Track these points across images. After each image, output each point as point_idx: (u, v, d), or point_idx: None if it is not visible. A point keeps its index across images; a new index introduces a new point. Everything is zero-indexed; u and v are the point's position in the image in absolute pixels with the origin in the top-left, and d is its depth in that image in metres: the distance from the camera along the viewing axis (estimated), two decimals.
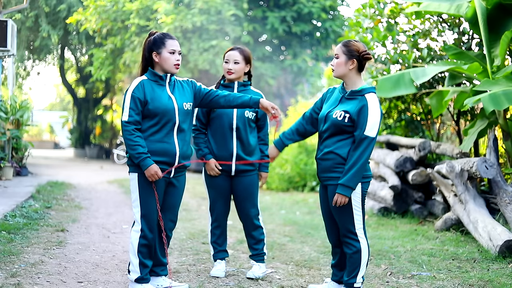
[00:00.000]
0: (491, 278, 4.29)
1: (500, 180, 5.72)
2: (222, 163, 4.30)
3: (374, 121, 3.52)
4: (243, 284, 4.16)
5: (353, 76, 3.65)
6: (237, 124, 4.28)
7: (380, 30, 7.58)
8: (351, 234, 3.65)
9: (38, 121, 30.37)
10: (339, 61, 3.64)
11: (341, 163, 3.59)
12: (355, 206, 3.62)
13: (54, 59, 22.19)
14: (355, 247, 3.64)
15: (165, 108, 3.75)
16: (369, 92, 3.62)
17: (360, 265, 3.64)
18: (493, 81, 5.57)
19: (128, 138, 3.66)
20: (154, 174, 3.66)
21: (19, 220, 5.96)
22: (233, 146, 4.28)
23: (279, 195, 10.42)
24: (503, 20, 5.98)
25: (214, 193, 4.39)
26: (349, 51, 3.61)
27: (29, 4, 15.40)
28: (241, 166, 4.30)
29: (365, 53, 3.61)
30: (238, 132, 4.29)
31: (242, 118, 4.29)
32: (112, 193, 9.83)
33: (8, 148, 10.04)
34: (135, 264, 3.75)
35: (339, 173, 3.59)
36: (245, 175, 4.35)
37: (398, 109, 8.35)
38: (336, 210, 3.65)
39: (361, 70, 3.67)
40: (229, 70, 4.32)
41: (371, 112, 3.53)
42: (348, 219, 3.63)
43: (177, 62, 3.80)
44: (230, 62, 4.32)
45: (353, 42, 3.65)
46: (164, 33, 3.83)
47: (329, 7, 16.28)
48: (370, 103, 3.55)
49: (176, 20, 14.28)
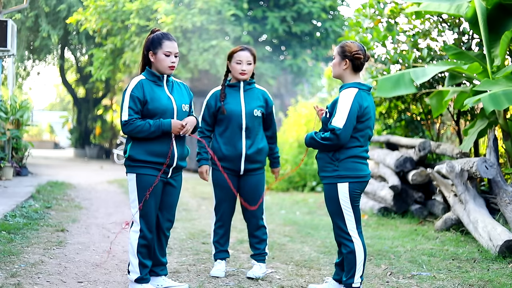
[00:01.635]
0: (491, 278, 4.29)
1: (500, 180, 5.72)
2: (230, 163, 4.30)
3: (340, 114, 3.57)
4: (243, 284, 4.16)
5: (348, 76, 3.72)
6: (247, 123, 4.28)
7: (380, 30, 7.58)
8: (344, 234, 3.68)
9: (38, 121, 30.38)
10: (335, 62, 3.76)
11: (330, 162, 3.66)
12: (344, 207, 3.65)
13: (54, 59, 22.19)
14: (348, 247, 3.66)
15: (165, 108, 3.74)
16: (347, 87, 3.68)
17: (355, 266, 3.65)
18: (493, 81, 5.57)
19: (134, 129, 3.65)
20: (178, 125, 3.70)
21: (19, 220, 5.97)
22: (242, 146, 4.28)
23: (279, 195, 10.42)
24: (503, 20, 5.97)
25: (221, 193, 4.38)
26: (343, 52, 3.70)
27: (29, 4, 15.39)
28: (250, 165, 4.30)
29: (355, 53, 3.66)
30: (248, 132, 4.29)
31: (251, 117, 4.29)
32: (112, 193, 9.83)
33: (8, 148, 10.04)
34: (135, 265, 3.75)
35: (328, 172, 3.66)
36: (253, 174, 4.35)
37: (398, 109, 8.35)
38: (328, 210, 3.73)
39: (357, 70, 3.71)
40: (243, 71, 4.31)
41: (339, 105, 3.60)
42: (338, 219, 3.68)
43: (172, 64, 3.76)
44: (243, 63, 4.31)
45: (348, 43, 3.72)
46: (164, 33, 3.80)
47: (329, 7, 16.27)
48: (341, 96, 3.63)
49: (176, 20, 14.28)
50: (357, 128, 3.63)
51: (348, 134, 3.57)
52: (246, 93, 4.36)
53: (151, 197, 3.74)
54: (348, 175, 3.62)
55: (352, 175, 3.62)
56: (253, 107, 4.31)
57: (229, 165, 4.30)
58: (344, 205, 3.64)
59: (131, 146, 3.72)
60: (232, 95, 4.34)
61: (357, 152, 3.65)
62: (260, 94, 4.41)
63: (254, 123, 4.30)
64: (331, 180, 3.65)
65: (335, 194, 3.65)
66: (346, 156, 3.62)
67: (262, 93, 4.43)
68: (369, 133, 3.72)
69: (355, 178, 3.63)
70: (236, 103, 4.30)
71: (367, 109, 3.65)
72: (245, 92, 4.36)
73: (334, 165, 3.63)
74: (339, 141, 3.56)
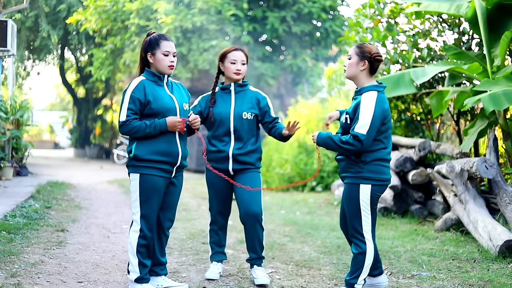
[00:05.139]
0: (491, 278, 4.29)
1: (500, 180, 5.72)
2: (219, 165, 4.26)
3: (363, 120, 3.56)
4: (243, 284, 4.16)
5: (363, 78, 3.72)
6: (235, 125, 4.25)
7: (380, 30, 7.58)
8: (358, 235, 3.69)
9: (38, 121, 30.40)
10: (351, 62, 3.73)
11: (353, 164, 3.67)
12: (363, 208, 3.66)
13: (54, 59, 22.21)
14: (360, 248, 3.67)
15: (168, 107, 3.76)
16: (367, 90, 3.66)
17: (363, 267, 3.66)
18: (493, 81, 5.56)
19: (131, 130, 3.66)
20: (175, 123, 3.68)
21: (19, 220, 5.97)
22: (230, 147, 4.24)
23: (279, 195, 10.41)
24: (503, 20, 5.97)
25: (213, 192, 4.37)
26: (362, 53, 3.69)
27: (29, 4, 15.40)
28: (239, 165, 4.25)
29: (376, 55, 3.68)
30: (236, 134, 4.25)
31: (240, 119, 4.25)
32: (112, 193, 9.83)
33: (8, 148, 10.04)
34: (135, 264, 3.75)
35: (351, 173, 3.68)
36: (244, 172, 4.28)
37: (398, 109, 8.35)
38: (347, 209, 3.73)
39: (373, 72, 3.73)
40: (238, 71, 4.28)
41: (362, 110, 3.58)
42: (356, 220, 3.69)
43: (171, 63, 3.79)
44: (238, 63, 4.28)
45: (366, 44, 3.73)
46: (160, 34, 3.83)
47: (329, 7, 16.26)
48: (363, 101, 3.61)
49: (176, 20, 14.28)
50: (380, 131, 3.64)
51: (371, 140, 3.59)
52: (238, 95, 4.32)
53: (154, 197, 3.75)
54: (371, 177, 3.64)
55: (376, 177, 3.65)
56: (243, 109, 4.26)
57: (218, 165, 4.26)
58: (364, 207, 3.66)
59: (136, 145, 3.73)
60: (224, 98, 4.32)
61: (382, 155, 3.66)
62: (252, 96, 4.34)
63: (243, 125, 4.26)
64: (354, 180, 3.67)
65: (356, 194, 3.66)
66: (372, 159, 3.64)
67: (255, 94, 4.36)
68: (390, 133, 3.74)
69: (378, 181, 3.66)
70: (225, 106, 4.28)
71: (388, 111, 3.68)
72: (236, 94, 4.32)
73: (358, 167, 3.65)
74: (362, 147, 3.58)
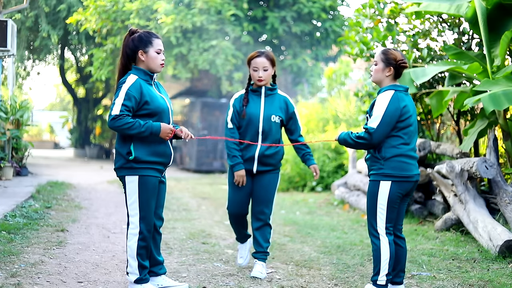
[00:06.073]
0: (491, 278, 4.29)
1: (500, 180, 5.72)
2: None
3: (375, 115, 3.73)
4: (243, 284, 4.16)
5: (387, 82, 3.87)
6: (263, 127, 4.40)
7: (380, 30, 7.57)
8: (372, 230, 3.79)
9: (38, 121, 30.38)
10: (377, 68, 3.87)
11: (376, 161, 3.77)
12: (380, 204, 3.73)
13: (54, 59, 22.20)
14: (375, 245, 3.76)
15: (163, 108, 3.76)
16: (385, 90, 3.81)
17: (380, 263, 3.73)
18: (493, 81, 5.56)
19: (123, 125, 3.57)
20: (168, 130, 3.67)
21: (19, 220, 5.96)
22: (257, 148, 4.40)
23: (279, 195, 10.41)
24: (503, 20, 5.97)
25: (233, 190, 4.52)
26: (387, 59, 3.83)
27: (29, 4, 15.39)
28: (262, 167, 4.44)
29: (402, 61, 3.82)
30: (264, 135, 4.41)
31: (268, 122, 4.42)
32: (112, 193, 9.83)
33: (8, 148, 10.04)
34: (134, 267, 3.73)
35: (374, 170, 3.77)
36: (266, 174, 4.47)
37: None
38: (367, 204, 3.84)
39: (397, 77, 3.87)
40: (260, 77, 4.40)
41: (375, 107, 3.76)
42: (371, 215, 3.79)
43: (162, 61, 3.82)
44: (259, 70, 4.39)
45: (391, 50, 3.85)
46: (149, 31, 3.81)
47: (329, 7, 16.26)
48: (378, 98, 3.79)
49: (176, 20, 14.29)
50: (398, 127, 3.73)
51: (381, 134, 3.70)
52: (267, 99, 4.48)
53: (152, 198, 3.74)
54: (392, 174, 3.71)
55: (396, 174, 3.71)
56: (272, 112, 4.43)
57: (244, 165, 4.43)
58: (380, 203, 3.73)
59: (134, 147, 3.67)
60: (254, 99, 4.47)
61: (403, 151, 3.73)
62: (281, 100, 4.52)
63: (271, 127, 4.42)
64: (376, 177, 3.76)
65: (376, 190, 3.74)
66: (392, 155, 3.72)
67: (284, 99, 4.54)
68: (411, 130, 3.79)
69: (399, 178, 3.71)
70: (256, 108, 4.44)
71: (406, 108, 3.75)
72: (266, 97, 4.47)
73: (380, 163, 3.74)
74: (371, 140, 3.70)
